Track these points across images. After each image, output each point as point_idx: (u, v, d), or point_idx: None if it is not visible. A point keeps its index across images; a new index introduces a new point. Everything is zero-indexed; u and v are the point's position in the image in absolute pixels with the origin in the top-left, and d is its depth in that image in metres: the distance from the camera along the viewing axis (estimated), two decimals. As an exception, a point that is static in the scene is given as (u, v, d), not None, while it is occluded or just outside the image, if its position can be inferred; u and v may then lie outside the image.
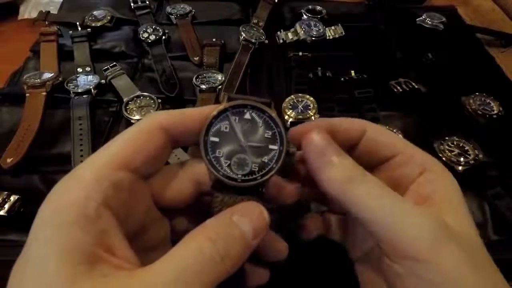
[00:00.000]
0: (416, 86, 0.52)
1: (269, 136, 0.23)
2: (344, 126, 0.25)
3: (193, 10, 0.65)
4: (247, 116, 0.23)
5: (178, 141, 0.24)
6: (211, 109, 0.23)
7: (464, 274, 0.20)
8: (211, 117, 0.23)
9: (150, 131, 0.22)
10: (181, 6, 0.66)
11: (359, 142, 0.25)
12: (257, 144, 0.23)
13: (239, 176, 0.22)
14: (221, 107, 0.23)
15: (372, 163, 0.26)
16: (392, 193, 0.22)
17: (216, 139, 0.23)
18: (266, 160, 0.23)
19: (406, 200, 0.22)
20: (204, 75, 0.53)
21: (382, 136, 0.25)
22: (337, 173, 0.22)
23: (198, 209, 0.24)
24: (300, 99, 0.49)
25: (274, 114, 0.23)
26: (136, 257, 0.20)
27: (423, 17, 0.66)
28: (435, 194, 0.23)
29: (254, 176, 0.22)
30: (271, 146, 0.23)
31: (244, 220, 0.20)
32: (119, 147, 0.22)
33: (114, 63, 0.55)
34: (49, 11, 0.65)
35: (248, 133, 0.23)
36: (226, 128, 0.23)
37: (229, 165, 0.22)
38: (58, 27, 0.60)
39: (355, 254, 0.28)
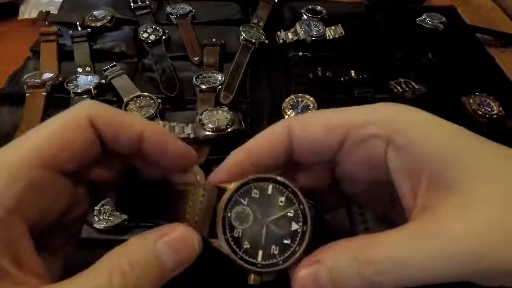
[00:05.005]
0: (416, 86, 0.52)
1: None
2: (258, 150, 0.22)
3: (193, 10, 0.65)
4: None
5: (106, 143, 0.21)
6: (142, 122, 0.21)
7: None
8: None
9: (78, 124, 0.20)
10: (181, 6, 0.66)
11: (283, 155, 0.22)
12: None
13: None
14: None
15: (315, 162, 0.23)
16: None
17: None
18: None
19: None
20: (204, 75, 0.53)
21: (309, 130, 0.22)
22: None
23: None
24: (300, 99, 0.49)
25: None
26: (45, 267, 0.18)
27: (423, 17, 0.66)
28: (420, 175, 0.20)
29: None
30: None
31: (168, 252, 0.19)
32: (40, 141, 0.19)
33: (114, 63, 0.55)
34: (49, 11, 0.64)
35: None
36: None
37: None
38: (58, 27, 0.60)
39: None
